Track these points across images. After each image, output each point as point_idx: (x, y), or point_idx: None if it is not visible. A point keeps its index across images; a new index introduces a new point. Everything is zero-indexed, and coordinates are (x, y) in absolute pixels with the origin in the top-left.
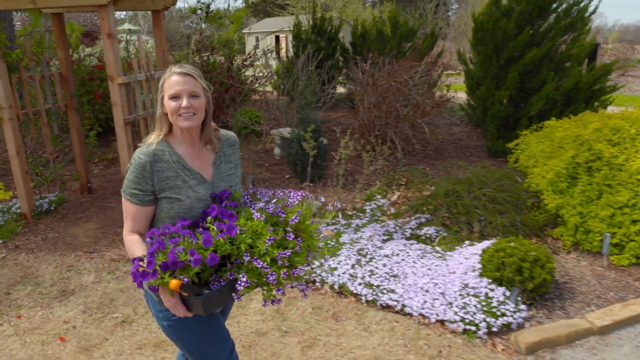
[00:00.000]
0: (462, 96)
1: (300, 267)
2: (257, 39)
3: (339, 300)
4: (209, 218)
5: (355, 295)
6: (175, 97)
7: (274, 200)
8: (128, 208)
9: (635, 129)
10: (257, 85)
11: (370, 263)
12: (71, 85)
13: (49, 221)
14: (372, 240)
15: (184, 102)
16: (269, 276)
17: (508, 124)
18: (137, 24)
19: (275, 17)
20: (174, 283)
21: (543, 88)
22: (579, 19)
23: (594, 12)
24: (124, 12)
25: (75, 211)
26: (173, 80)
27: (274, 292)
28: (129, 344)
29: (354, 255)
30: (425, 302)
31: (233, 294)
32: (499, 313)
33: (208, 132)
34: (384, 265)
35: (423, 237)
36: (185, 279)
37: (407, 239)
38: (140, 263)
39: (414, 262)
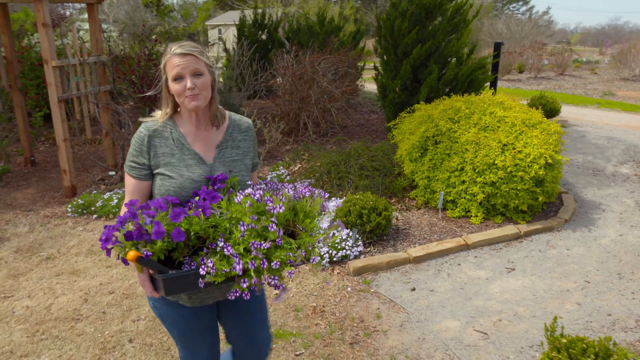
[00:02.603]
0: None
1: (277, 261)
2: (219, 31)
3: None
4: (196, 197)
5: None
6: (178, 78)
7: (263, 188)
8: (127, 181)
9: (470, 110)
10: None
11: None
12: (14, 68)
13: None
14: None
15: (188, 83)
16: (235, 265)
17: (403, 110)
18: (102, 13)
19: (237, 9)
20: (131, 254)
21: (428, 79)
22: (461, 21)
23: (475, 15)
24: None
25: (17, 180)
26: (174, 62)
27: (240, 283)
28: (49, 273)
29: None
30: None
31: (199, 280)
32: (340, 248)
33: (214, 110)
34: None
35: None
36: (146, 253)
37: None
38: (109, 230)
39: None
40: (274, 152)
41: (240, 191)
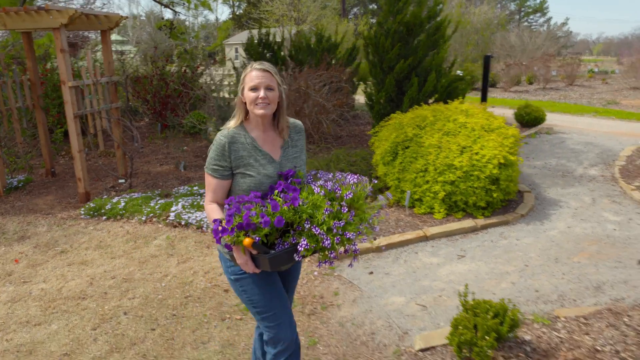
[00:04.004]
0: None
1: (352, 233)
2: (236, 50)
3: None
4: (276, 191)
5: None
6: (254, 88)
7: (333, 180)
8: (209, 181)
9: (435, 117)
10: (210, 90)
11: None
12: (38, 89)
13: (17, 195)
14: None
15: (261, 94)
16: (324, 241)
17: None
18: (126, 35)
19: (251, 29)
20: (247, 241)
21: (409, 90)
22: (440, 37)
23: (455, 31)
24: None
25: (39, 188)
26: (253, 74)
27: (328, 254)
28: (62, 263)
29: None
30: None
31: (294, 255)
32: None
33: (283, 122)
34: None
35: None
36: (257, 238)
37: None
38: (220, 223)
39: None
40: None
41: (314, 183)
